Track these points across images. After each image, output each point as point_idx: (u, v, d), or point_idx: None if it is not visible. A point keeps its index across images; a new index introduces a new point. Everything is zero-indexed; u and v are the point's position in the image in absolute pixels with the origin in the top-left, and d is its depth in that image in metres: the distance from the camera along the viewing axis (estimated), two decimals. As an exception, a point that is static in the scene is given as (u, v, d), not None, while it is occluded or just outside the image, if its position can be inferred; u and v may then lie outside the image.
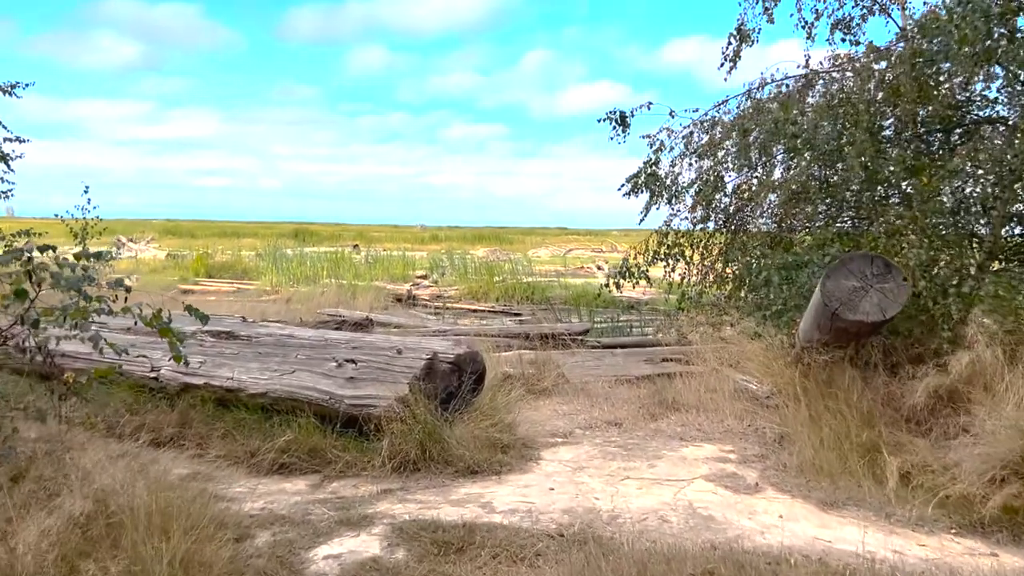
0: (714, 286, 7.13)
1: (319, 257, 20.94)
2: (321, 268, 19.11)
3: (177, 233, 33.57)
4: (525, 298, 17.61)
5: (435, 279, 19.98)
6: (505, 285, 17.90)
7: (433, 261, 22.59)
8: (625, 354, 6.34)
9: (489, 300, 17.49)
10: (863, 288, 3.69)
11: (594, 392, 5.50)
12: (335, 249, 25.88)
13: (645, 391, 5.51)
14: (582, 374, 5.84)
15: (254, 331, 4.79)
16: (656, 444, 4.34)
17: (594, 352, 6.36)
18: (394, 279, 19.39)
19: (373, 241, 35.04)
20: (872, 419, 3.99)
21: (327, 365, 4.31)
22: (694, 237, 7.26)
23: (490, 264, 19.73)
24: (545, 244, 33.82)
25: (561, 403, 5.25)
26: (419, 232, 48.31)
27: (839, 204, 5.93)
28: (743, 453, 4.17)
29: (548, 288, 17.90)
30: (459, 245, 32.51)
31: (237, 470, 3.97)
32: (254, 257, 21.56)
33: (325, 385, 4.21)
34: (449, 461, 3.90)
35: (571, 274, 20.41)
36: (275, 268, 19.06)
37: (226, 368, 4.48)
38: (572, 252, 28.89)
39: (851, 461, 3.76)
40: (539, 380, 5.43)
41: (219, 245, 28.46)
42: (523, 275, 18.54)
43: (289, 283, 17.98)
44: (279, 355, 4.48)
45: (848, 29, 6.57)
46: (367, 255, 23.64)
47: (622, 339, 6.81)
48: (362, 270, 19.59)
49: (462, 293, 17.90)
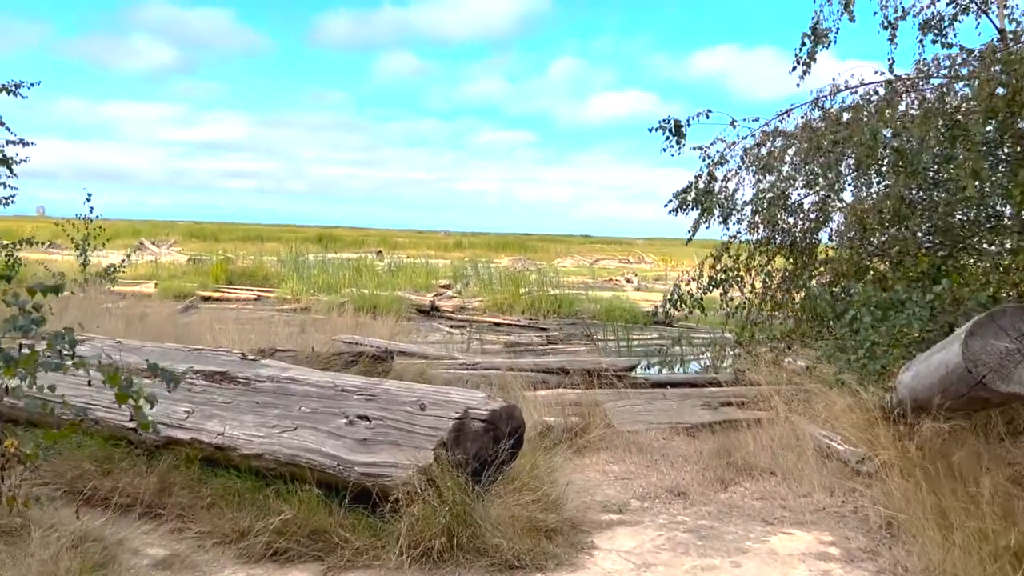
0: (779, 321, 6.28)
1: (341, 264, 20.27)
2: (343, 276, 18.42)
3: (201, 236, 33.12)
4: (552, 311, 16.76)
5: (458, 289, 19.22)
6: (531, 297, 17.09)
7: (456, 270, 21.84)
8: (678, 396, 5.50)
9: (514, 313, 16.67)
10: (1019, 351, 2.84)
11: (647, 446, 4.68)
12: (358, 256, 25.24)
13: (707, 445, 4.67)
14: (631, 421, 5.02)
15: (253, 372, 4.03)
16: (735, 529, 3.50)
17: (642, 392, 5.53)
18: (416, 288, 18.65)
19: (397, 247, 34.42)
20: (1013, 513, 3.13)
21: (335, 422, 3.53)
22: (753, 261, 6.42)
23: (515, 274, 18.92)
24: (570, 253, 32.97)
25: (611, 460, 4.43)
26: (443, 238, 47.66)
27: (934, 228, 5.07)
28: (846, 546, 3.33)
29: (576, 301, 17.06)
30: (483, 253, 31.75)
31: (224, 553, 3.20)
32: (276, 263, 20.93)
33: (332, 447, 3.43)
34: (482, 551, 3.10)
35: (599, 287, 19.57)
36: (296, 276, 18.41)
37: (217, 420, 3.71)
38: (599, 263, 28.03)
39: (994, 573, 2.91)
40: (584, 430, 4.61)
41: (242, 249, 27.93)
42: (549, 287, 17.69)
43: (310, 292, 17.31)
44: (280, 406, 3.71)
45: (939, 31, 5.69)
46: (390, 263, 22.96)
47: (673, 376, 5.97)
48: (384, 278, 18.89)
49: (486, 305, 17.11)
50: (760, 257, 6.42)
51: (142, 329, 6.30)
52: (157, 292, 16.84)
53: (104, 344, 4.53)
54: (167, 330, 6.07)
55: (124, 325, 6.42)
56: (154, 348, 4.50)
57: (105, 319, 6.49)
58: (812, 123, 6.25)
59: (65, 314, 6.34)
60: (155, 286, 17.26)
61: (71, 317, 6.26)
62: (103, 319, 6.43)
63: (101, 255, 23.22)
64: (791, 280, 6.36)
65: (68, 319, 6.24)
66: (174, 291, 16.79)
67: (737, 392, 5.64)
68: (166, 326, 6.20)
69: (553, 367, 5.68)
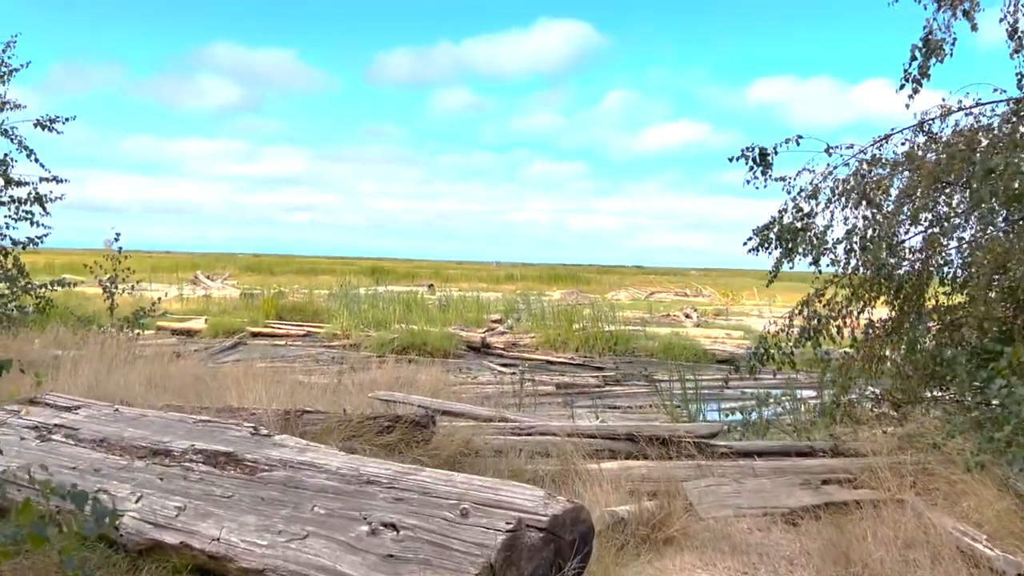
0: (880, 376, 5.32)
1: (392, 299, 19.72)
2: (393, 311, 17.85)
3: (256, 269, 33.17)
4: (607, 349, 15.82)
5: (510, 324, 18.46)
6: (585, 333, 16.20)
7: (508, 304, 21.11)
8: (771, 471, 4.59)
9: (568, 350, 15.78)
10: None
11: (741, 541, 3.78)
12: (409, 289, 24.74)
13: (815, 542, 3.75)
14: (718, 505, 4.13)
15: (263, 454, 3.29)
16: None
17: (727, 466, 4.63)
18: (467, 324, 17.94)
19: (449, 280, 33.94)
20: None
21: (355, 529, 2.75)
22: (850, 307, 5.48)
23: (568, 309, 18.05)
24: (624, 286, 31.94)
25: (699, 565, 3.54)
26: (494, 269, 47.12)
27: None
28: None
29: (632, 338, 16.10)
30: (535, 285, 31.03)
31: None
32: (327, 297, 20.51)
33: (349, 565, 2.65)
34: None
35: (656, 322, 18.59)
36: (346, 311, 17.91)
37: (213, 521, 2.97)
38: (654, 296, 26.96)
39: None
40: (662, 522, 3.74)
41: (296, 283, 27.76)
42: (604, 322, 16.78)
43: (359, 327, 16.77)
44: (289, 504, 2.95)
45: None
46: (441, 296, 22.37)
47: (761, 443, 5.05)
48: (434, 313, 18.24)
49: (538, 342, 16.28)
50: (857, 303, 5.49)
51: (165, 380, 5.67)
52: (206, 328, 16.50)
53: (100, 412, 3.87)
54: (189, 384, 5.42)
55: (148, 374, 5.80)
56: (155, 418, 3.82)
57: (127, 369, 5.88)
58: (917, 149, 5.35)
59: (83, 364, 5.76)
60: (205, 322, 16.94)
61: (88, 368, 5.67)
62: (124, 369, 5.83)
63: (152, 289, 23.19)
64: (894, 330, 5.41)
65: (86, 370, 5.65)
66: (224, 327, 16.42)
67: (840, 466, 4.70)
68: (190, 379, 5.56)
69: (620, 432, 4.83)
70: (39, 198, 7.61)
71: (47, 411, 3.90)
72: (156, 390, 5.46)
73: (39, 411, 3.88)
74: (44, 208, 7.70)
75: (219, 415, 4.87)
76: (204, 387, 5.36)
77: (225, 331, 16.43)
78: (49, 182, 7.64)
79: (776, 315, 6.39)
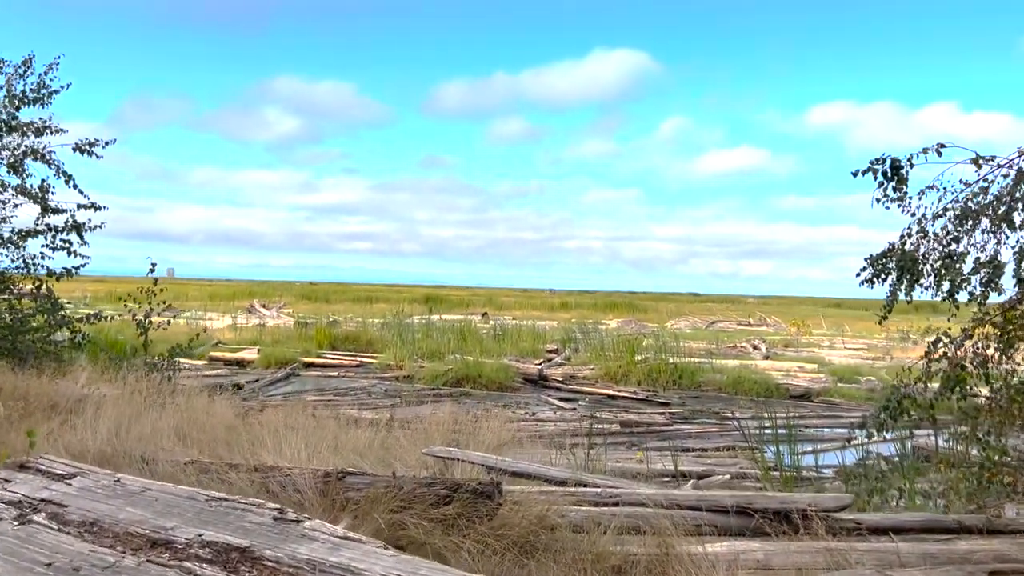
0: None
1: (446, 328, 19.03)
2: (447, 341, 17.12)
3: (312, 298, 32.96)
4: (671, 382, 14.76)
5: (567, 355, 17.54)
6: (648, 366, 15.17)
7: (565, 333, 20.19)
8: (920, 557, 3.60)
9: (629, 383, 14.76)
10: None
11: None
12: (463, 318, 24.06)
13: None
14: (865, 612, 3.16)
15: (287, 551, 2.50)
16: None
17: (863, 551, 3.66)
18: (523, 354, 17.10)
19: (503, 308, 33.20)
20: None
21: None
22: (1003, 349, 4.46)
23: (628, 340, 17.04)
24: (683, 314, 30.68)
25: None
26: (548, 297, 46.24)
27: None
28: None
29: (698, 371, 15.00)
30: (590, 314, 30.04)
31: None
32: (380, 327, 19.93)
33: None
34: None
35: (722, 353, 17.42)
36: (399, 341, 17.26)
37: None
38: (716, 325, 25.68)
39: None
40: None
41: (351, 311, 27.36)
42: (667, 353, 15.72)
43: (412, 358, 16.07)
44: (315, 632, 2.14)
45: None
46: (495, 325, 21.60)
47: (899, 517, 4.06)
48: (489, 344, 17.46)
49: (598, 374, 15.30)
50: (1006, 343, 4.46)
51: (196, 429, 4.96)
52: (259, 359, 16.01)
53: (97, 483, 3.14)
54: (221, 436, 4.69)
55: (177, 421, 5.11)
56: (161, 493, 3.06)
57: (157, 414, 5.20)
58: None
59: (109, 407, 5.10)
60: (258, 351, 16.47)
61: (113, 412, 5.00)
62: (153, 414, 5.14)
63: (207, 318, 22.96)
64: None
65: (111, 414, 4.98)
66: (276, 358, 15.91)
67: (1008, 552, 3.68)
68: (223, 429, 4.84)
69: (727, 504, 3.90)
70: (77, 226, 7.10)
71: (37, 479, 3.18)
72: (184, 441, 4.75)
73: (28, 479, 3.17)
74: (82, 237, 7.18)
75: (251, 475, 4.14)
76: (237, 438, 4.63)
77: (278, 361, 15.93)
78: (87, 209, 7.12)
79: (851, 347, 5.52)
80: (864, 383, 13.88)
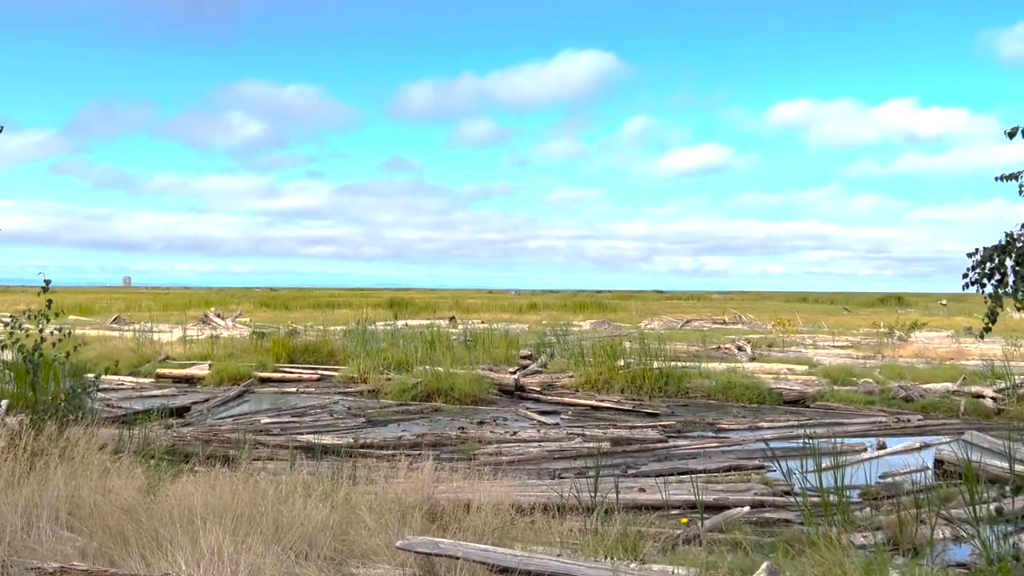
0: None
1: (413, 335, 17.59)
2: (415, 351, 15.68)
3: (272, 304, 31.11)
4: (656, 389, 13.56)
5: (543, 362, 16.23)
6: (631, 372, 13.92)
7: (539, 337, 18.91)
8: None
9: (612, 391, 13.47)
10: None
11: None
12: (430, 323, 22.62)
13: None
14: None
15: None
16: None
17: None
18: (496, 362, 15.71)
19: (470, 310, 31.79)
20: None
21: None
22: None
23: (608, 344, 15.79)
24: (656, 313, 29.63)
25: None
26: (514, 298, 44.95)
27: None
28: None
29: (685, 376, 13.81)
30: (559, 314, 28.81)
31: None
32: (343, 335, 18.41)
33: None
34: None
35: (707, 355, 16.31)
36: (364, 351, 15.77)
37: None
38: (690, 324, 24.65)
39: None
40: None
41: (311, 318, 25.71)
42: (651, 357, 14.47)
43: (378, 369, 14.60)
44: None
45: None
46: (464, 330, 20.21)
47: None
48: (459, 351, 16.04)
49: (578, 382, 13.97)
50: None
51: (86, 509, 3.54)
52: (211, 374, 14.42)
53: None
54: (115, 524, 3.28)
55: (67, 495, 3.68)
56: None
57: (40, 483, 3.76)
58: None
59: None
60: (209, 367, 14.86)
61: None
62: (30, 484, 3.71)
63: (159, 330, 21.09)
64: None
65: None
66: (229, 373, 14.33)
67: None
68: (117, 515, 3.42)
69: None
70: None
71: None
72: (66, 532, 3.33)
73: None
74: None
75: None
76: (137, 528, 3.23)
77: (231, 377, 14.36)
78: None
79: (837, 345, 4.53)
80: (861, 385, 12.85)
